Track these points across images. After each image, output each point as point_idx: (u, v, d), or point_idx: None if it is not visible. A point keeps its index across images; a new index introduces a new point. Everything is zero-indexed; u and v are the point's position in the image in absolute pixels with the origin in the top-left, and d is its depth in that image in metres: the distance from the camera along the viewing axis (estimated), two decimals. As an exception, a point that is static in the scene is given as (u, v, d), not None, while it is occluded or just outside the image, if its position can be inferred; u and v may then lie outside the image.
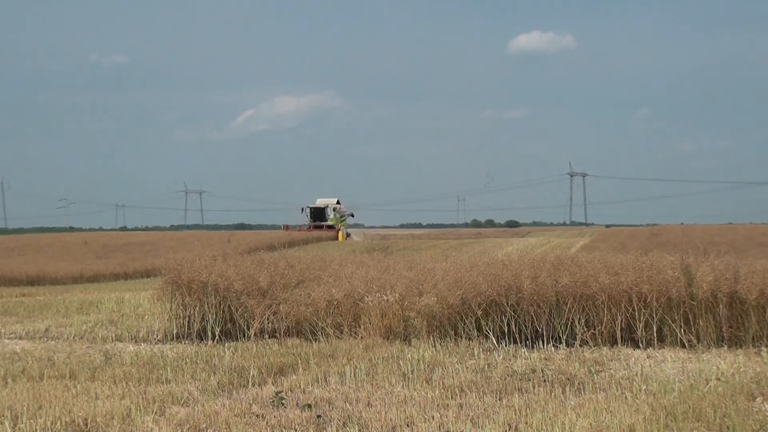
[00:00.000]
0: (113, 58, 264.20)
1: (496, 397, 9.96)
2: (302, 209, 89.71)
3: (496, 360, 12.76)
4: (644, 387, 10.38)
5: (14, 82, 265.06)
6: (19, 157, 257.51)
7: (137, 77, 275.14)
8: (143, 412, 9.42)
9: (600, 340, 14.35)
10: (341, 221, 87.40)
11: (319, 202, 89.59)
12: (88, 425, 8.94)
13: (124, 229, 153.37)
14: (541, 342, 14.47)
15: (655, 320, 14.35)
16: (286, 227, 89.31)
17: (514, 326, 14.69)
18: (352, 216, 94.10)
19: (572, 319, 14.59)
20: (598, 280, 14.61)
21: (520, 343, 14.50)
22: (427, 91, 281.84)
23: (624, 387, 10.44)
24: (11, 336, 17.18)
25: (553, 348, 14.10)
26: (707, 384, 10.46)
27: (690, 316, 14.29)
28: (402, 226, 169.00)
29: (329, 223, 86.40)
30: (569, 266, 15.34)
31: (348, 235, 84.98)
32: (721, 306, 14.16)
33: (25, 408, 9.52)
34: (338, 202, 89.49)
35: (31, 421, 9.02)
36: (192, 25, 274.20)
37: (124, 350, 14.60)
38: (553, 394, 10.07)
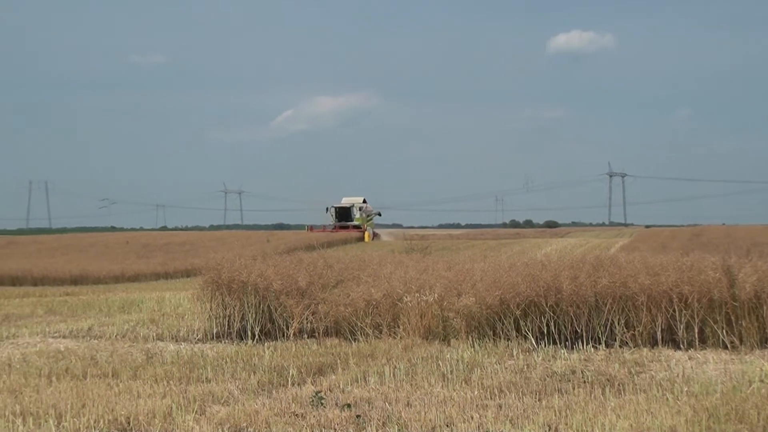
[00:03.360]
0: (154, 58, 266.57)
1: (535, 398, 9.93)
2: (327, 209, 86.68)
3: (535, 361, 12.72)
4: (686, 388, 10.29)
5: (57, 82, 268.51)
6: (62, 158, 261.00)
7: (178, 77, 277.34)
8: (184, 410, 9.49)
9: (640, 341, 14.23)
10: (368, 221, 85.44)
11: (345, 201, 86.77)
12: (131, 423, 9.03)
13: (164, 228, 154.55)
14: (580, 343, 14.39)
15: (697, 321, 14.21)
16: (310, 228, 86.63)
17: (553, 327, 14.62)
18: (379, 215, 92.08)
19: (612, 319, 14.49)
20: (637, 280, 14.49)
21: (560, 343, 14.42)
22: (466, 90, 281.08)
23: (665, 388, 10.35)
24: (55, 335, 17.38)
25: (592, 349, 14.01)
26: (750, 385, 10.35)
27: (732, 318, 14.14)
28: (440, 227, 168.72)
29: (355, 223, 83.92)
30: (608, 267, 15.23)
31: (375, 235, 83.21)
32: (764, 307, 13.99)
33: (69, 406, 9.64)
34: (364, 201, 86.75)
35: (75, 419, 9.12)
36: (232, 24, 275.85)
37: (165, 349, 14.71)
38: (592, 395, 10.02)
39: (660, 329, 14.32)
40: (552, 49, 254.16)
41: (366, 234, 79.10)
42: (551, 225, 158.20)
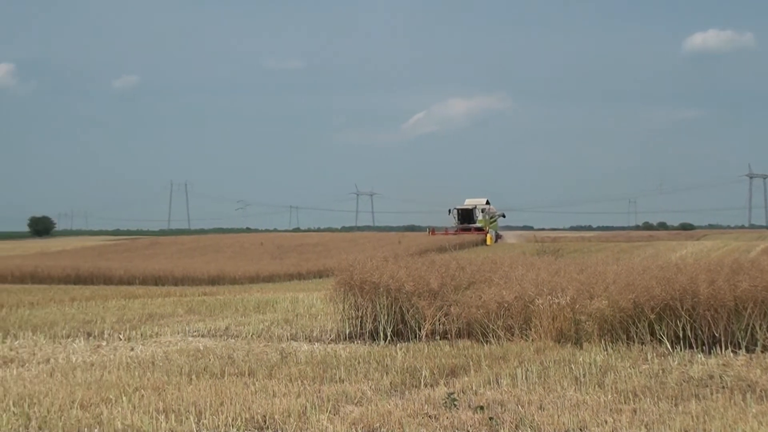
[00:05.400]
0: (289, 63, 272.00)
1: (671, 403, 9.73)
2: (449, 211, 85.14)
3: (670, 365, 12.44)
4: (832, 396, 9.90)
5: (195, 87, 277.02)
6: (200, 161, 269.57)
7: (311, 81, 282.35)
8: (318, 410, 9.63)
9: (784, 347, 13.73)
10: (491, 223, 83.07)
11: (468, 203, 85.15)
12: (267, 422, 9.22)
13: (297, 230, 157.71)
14: (718, 347, 13.98)
15: None
16: (432, 231, 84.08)
17: (689, 331, 14.26)
18: (503, 217, 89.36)
19: (753, 324, 14.03)
20: (781, 284, 13.98)
21: (696, 348, 14.05)
22: (600, 91, 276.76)
23: (810, 396, 9.98)
24: (195, 334, 17.88)
25: (731, 354, 13.60)
26: None
27: None
28: (572, 229, 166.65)
29: (478, 225, 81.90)
30: (749, 270, 14.76)
31: (499, 237, 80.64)
32: None
33: (208, 404, 9.90)
34: (488, 203, 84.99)
35: (214, 416, 9.37)
36: (365, 29, 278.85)
37: (298, 349, 14.95)
38: (732, 401, 9.75)
39: (806, 335, 13.78)
40: (688, 48, 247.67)
41: (488, 236, 76.31)
42: (686, 227, 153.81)
